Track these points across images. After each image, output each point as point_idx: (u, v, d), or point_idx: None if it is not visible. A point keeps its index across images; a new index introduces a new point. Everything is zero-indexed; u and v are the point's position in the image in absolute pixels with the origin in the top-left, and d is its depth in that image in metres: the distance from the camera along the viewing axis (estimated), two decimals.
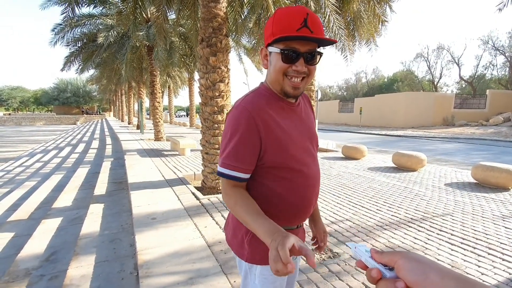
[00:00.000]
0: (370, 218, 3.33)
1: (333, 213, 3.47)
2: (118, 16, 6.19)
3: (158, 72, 10.95)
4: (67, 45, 11.30)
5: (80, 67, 12.76)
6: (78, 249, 2.79)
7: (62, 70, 12.49)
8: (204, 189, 4.54)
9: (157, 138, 11.29)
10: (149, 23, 9.30)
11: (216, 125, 4.29)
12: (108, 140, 12.30)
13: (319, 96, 11.73)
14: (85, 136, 17.39)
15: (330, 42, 0.83)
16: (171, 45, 9.86)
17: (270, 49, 0.85)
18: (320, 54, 0.85)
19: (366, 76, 45.56)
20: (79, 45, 11.75)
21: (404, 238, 2.80)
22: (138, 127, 17.59)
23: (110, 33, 8.87)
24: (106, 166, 6.75)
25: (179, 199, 3.88)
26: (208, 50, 4.02)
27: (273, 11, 5.32)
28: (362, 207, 3.71)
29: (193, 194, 4.11)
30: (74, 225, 3.58)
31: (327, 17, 5.43)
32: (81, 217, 3.75)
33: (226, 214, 3.40)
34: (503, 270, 2.25)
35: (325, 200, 3.95)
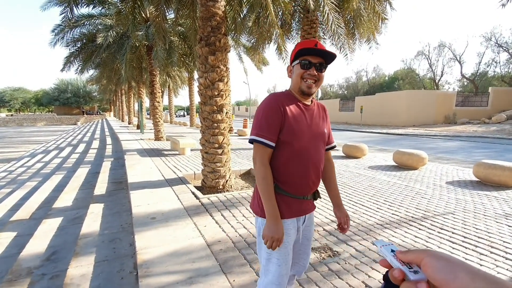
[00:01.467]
0: (370, 216, 3.31)
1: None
2: (117, 16, 6.19)
3: (158, 72, 10.94)
4: (67, 46, 11.30)
5: (79, 68, 12.76)
6: (78, 249, 2.80)
7: (62, 70, 12.50)
8: (204, 188, 4.53)
9: (157, 138, 11.29)
10: (148, 22, 9.29)
11: (215, 124, 4.28)
12: (108, 140, 12.32)
13: (320, 95, 11.70)
14: (86, 136, 17.41)
15: (333, 59, 1.23)
16: (171, 44, 9.84)
17: (293, 63, 1.27)
18: (325, 66, 1.25)
19: (367, 74, 45.42)
20: (79, 45, 11.75)
21: (405, 237, 2.78)
22: (138, 127, 17.61)
23: (109, 33, 8.85)
24: (106, 166, 6.75)
25: (179, 199, 3.87)
26: (207, 49, 4.00)
27: (272, 9, 5.29)
28: (363, 205, 3.69)
29: (193, 193, 4.10)
30: (75, 225, 3.59)
31: (326, 15, 5.40)
32: (81, 217, 3.76)
33: (226, 213, 3.39)
34: (506, 269, 2.23)
35: (326, 199, 3.93)
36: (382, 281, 0.73)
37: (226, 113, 4.43)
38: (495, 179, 4.57)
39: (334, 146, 1.48)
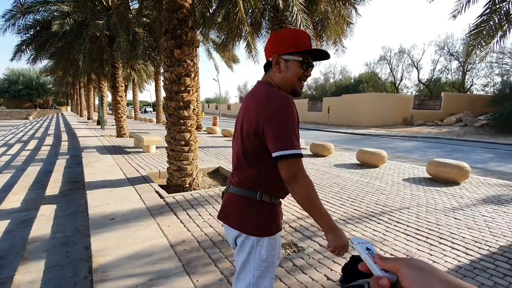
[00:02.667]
0: (334, 212, 3.42)
1: (299, 208, 3.52)
2: (74, 3, 5.72)
3: (121, 65, 10.36)
4: (18, 33, 10.31)
5: (32, 57, 11.69)
6: (27, 254, 2.57)
7: (12, 59, 11.38)
8: (170, 187, 4.38)
9: (120, 135, 10.72)
10: (110, 11, 8.73)
11: (182, 121, 4.14)
12: (64, 136, 11.45)
13: None
14: (38, 132, 16.06)
15: (328, 57, 1.14)
16: (135, 36, 9.34)
17: (288, 57, 1.08)
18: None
19: (334, 76, 47.09)
20: (32, 32, 10.76)
21: (365, 231, 2.92)
22: (98, 122, 16.60)
23: (66, 21, 8.16)
24: (61, 164, 6.25)
25: (141, 198, 3.69)
26: (173, 42, 3.86)
27: (241, 6, 5.25)
28: (327, 202, 3.81)
29: (157, 192, 3.94)
30: (23, 228, 3.28)
31: (294, 15, 5.48)
32: (30, 219, 3.45)
33: (191, 212, 3.30)
34: (453, 258, 2.42)
35: (289, 198, 4.00)
36: (341, 273, 0.73)
37: (193, 109, 4.31)
38: (445, 176, 4.98)
39: None
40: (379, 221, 3.19)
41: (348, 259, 0.69)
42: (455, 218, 3.32)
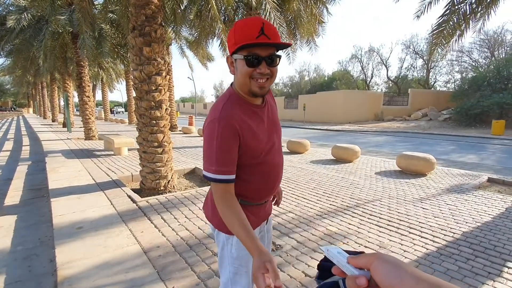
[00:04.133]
0: (311, 208, 3.47)
1: (277, 206, 3.53)
2: None
3: (87, 63, 9.81)
4: None
5: None
6: None
7: None
8: (143, 190, 4.21)
9: (88, 137, 10.16)
10: (73, 6, 8.22)
11: (153, 122, 3.99)
12: (26, 141, 10.67)
13: None
14: None
15: (286, 46, 0.98)
16: (101, 32, 8.85)
17: (235, 56, 0.96)
18: (279, 56, 0.98)
19: (309, 74, 48.01)
20: None
21: (340, 225, 2.98)
22: (64, 125, 15.67)
23: (23, 16, 7.55)
24: (22, 170, 5.81)
25: (112, 204, 3.51)
26: (141, 39, 3.69)
27: (213, 3, 5.16)
28: (304, 198, 3.85)
29: (129, 197, 3.76)
30: None
31: (267, 13, 5.48)
32: None
33: (166, 216, 3.19)
34: (421, 246, 2.54)
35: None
36: (317, 270, 0.72)
37: (166, 109, 4.17)
38: (413, 168, 5.24)
39: None
40: (353, 214, 3.28)
41: (324, 256, 0.68)
42: (423, 208, 3.49)
